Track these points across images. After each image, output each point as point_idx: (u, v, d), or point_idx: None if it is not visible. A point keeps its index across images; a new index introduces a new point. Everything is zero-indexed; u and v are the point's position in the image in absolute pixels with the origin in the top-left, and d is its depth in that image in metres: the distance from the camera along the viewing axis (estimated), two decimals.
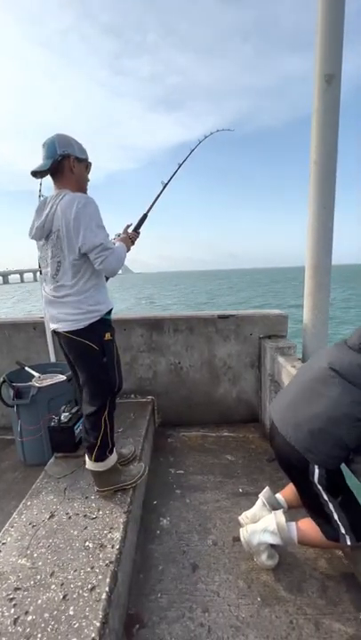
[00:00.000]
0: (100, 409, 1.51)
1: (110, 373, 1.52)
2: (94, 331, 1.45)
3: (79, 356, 1.49)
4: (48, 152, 1.39)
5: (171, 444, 2.53)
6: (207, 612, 1.31)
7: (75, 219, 1.33)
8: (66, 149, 1.40)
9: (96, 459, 1.55)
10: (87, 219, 1.35)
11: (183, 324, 2.71)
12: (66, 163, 1.41)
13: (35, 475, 1.88)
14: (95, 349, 1.45)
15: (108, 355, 1.49)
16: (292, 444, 1.29)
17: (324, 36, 2.07)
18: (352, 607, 1.32)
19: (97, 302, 1.46)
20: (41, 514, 1.53)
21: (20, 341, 2.76)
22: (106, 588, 1.16)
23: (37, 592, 1.16)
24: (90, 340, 1.44)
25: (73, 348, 1.49)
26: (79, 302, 1.42)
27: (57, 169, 1.41)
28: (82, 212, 1.34)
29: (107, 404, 1.53)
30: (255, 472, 2.18)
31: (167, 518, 1.81)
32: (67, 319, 1.43)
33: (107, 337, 1.48)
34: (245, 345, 2.72)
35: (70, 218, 1.34)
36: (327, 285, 2.37)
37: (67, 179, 1.43)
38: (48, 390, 2.19)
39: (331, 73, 2.09)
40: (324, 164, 2.19)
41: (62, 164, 1.40)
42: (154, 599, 1.38)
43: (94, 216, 1.37)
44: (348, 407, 1.22)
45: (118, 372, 1.57)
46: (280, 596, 1.37)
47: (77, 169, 1.45)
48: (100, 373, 1.49)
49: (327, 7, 2.03)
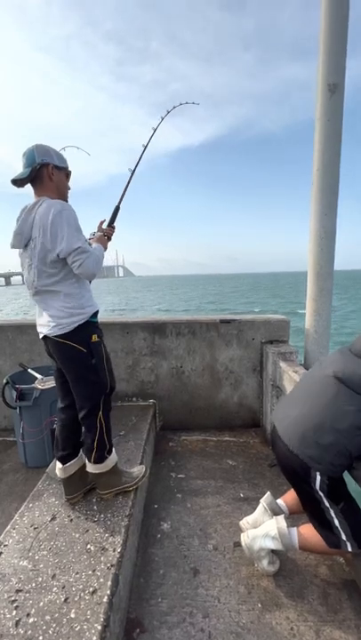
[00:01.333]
0: (93, 409, 1.52)
1: (100, 374, 1.52)
2: (81, 333, 1.45)
3: (68, 359, 1.48)
4: (27, 161, 1.42)
5: (172, 448, 2.54)
6: (208, 618, 1.31)
7: (51, 224, 1.35)
8: (44, 158, 1.42)
9: (95, 460, 1.56)
10: (64, 224, 1.36)
11: (185, 328, 2.72)
12: (45, 171, 1.43)
13: (36, 477, 1.89)
14: (83, 351, 1.46)
15: (96, 356, 1.49)
16: (294, 452, 1.29)
17: (327, 46, 2.10)
18: (353, 615, 1.32)
19: (81, 305, 1.47)
20: (43, 516, 1.54)
21: (24, 343, 2.78)
22: (107, 591, 1.17)
23: (39, 594, 1.17)
24: (77, 343, 1.45)
25: (61, 352, 1.48)
26: (63, 307, 1.43)
27: (36, 177, 1.43)
28: (58, 217, 1.36)
29: (100, 405, 1.53)
30: (256, 477, 2.18)
31: (168, 522, 1.81)
32: (52, 324, 1.44)
33: (94, 339, 1.49)
34: (247, 350, 2.73)
35: (47, 224, 1.35)
36: (329, 290, 2.39)
37: (46, 186, 1.46)
38: (51, 392, 2.19)
39: (334, 82, 2.12)
40: (327, 171, 2.21)
41: (41, 171, 1.43)
42: (154, 603, 1.38)
43: (71, 221, 1.38)
44: (353, 416, 1.23)
45: (109, 373, 1.57)
46: (281, 602, 1.37)
47: (56, 177, 1.47)
48: (90, 375, 1.49)
49: (331, 17, 2.06)
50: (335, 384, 1.32)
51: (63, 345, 1.45)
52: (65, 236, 1.35)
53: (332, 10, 2.06)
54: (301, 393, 1.44)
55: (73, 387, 1.54)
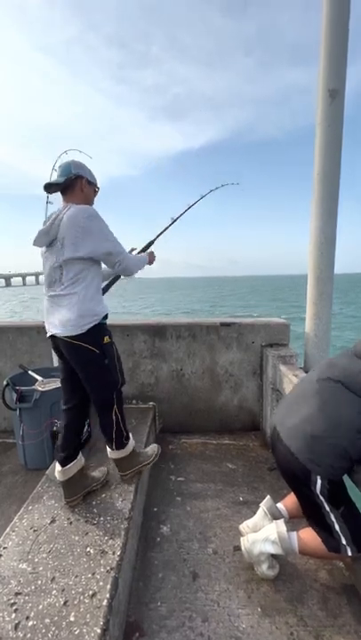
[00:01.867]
0: (109, 404, 1.62)
1: (113, 373, 1.58)
2: (94, 335, 1.50)
3: (81, 359, 1.52)
4: (63, 171, 1.54)
5: (172, 451, 2.53)
6: (207, 622, 1.31)
7: (83, 228, 1.42)
8: (79, 171, 1.55)
9: (117, 447, 1.69)
10: (97, 228, 1.46)
11: (186, 331, 2.73)
12: (78, 182, 1.55)
13: (36, 479, 1.88)
14: (96, 352, 1.51)
15: (108, 356, 1.54)
16: (295, 455, 1.30)
17: (328, 52, 2.12)
18: (353, 620, 1.32)
19: (95, 308, 1.52)
20: (42, 518, 1.54)
21: (24, 345, 2.78)
22: (107, 594, 1.17)
23: (38, 597, 1.16)
24: (91, 345, 1.49)
25: (74, 353, 1.51)
26: (79, 308, 1.47)
27: (69, 186, 1.54)
28: (90, 221, 1.44)
29: (114, 399, 1.62)
30: (256, 480, 2.18)
31: (167, 526, 1.80)
32: (66, 324, 1.47)
33: (105, 340, 1.54)
34: (247, 353, 2.74)
35: (78, 226, 1.42)
36: (329, 295, 2.39)
37: (76, 196, 1.56)
38: (51, 394, 2.20)
39: (335, 88, 2.14)
40: (328, 176, 2.23)
41: (75, 182, 1.54)
42: (154, 607, 1.38)
43: (103, 225, 1.49)
44: (353, 418, 1.23)
45: (120, 370, 1.63)
46: (280, 607, 1.37)
47: (87, 190, 1.59)
48: (104, 374, 1.56)
49: (331, 24, 2.09)
50: (336, 387, 1.32)
51: (77, 346, 1.48)
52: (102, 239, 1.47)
53: (332, 17, 2.08)
54: (302, 395, 1.44)
55: (86, 385, 1.59)
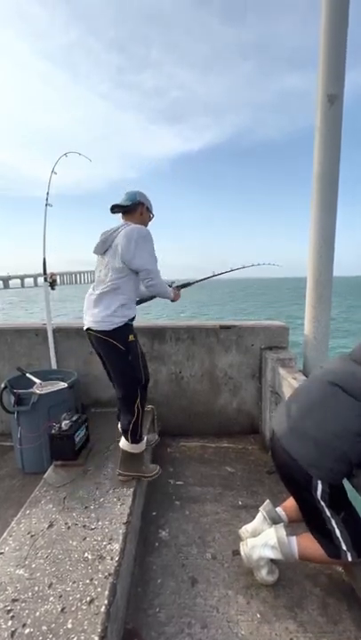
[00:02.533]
0: (132, 395, 1.77)
1: (136, 369, 1.76)
2: (120, 333, 1.69)
3: (109, 353, 1.75)
4: (130, 197, 1.82)
5: (170, 455, 2.52)
6: (206, 628, 1.29)
7: (135, 242, 1.65)
8: (142, 199, 1.84)
9: (132, 440, 1.80)
10: (145, 246, 1.69)
11: (185, 334, 2.72)
12: (139, 207, 1.84)
13: (33, 483, 1.87)
14: (121, 349, 1.70)
15: (132, 353, 1.73)
16: (295, 459, 1.29)
17: (327, 58, 2.14)
18: (353, 626, 1.30)
19: (126, 310, 1.72)
20: (40, 523, 1.52)
21: (22, 347, 2.77)
22: (105, 601, 1.15)
23: (35, 604, 1.15)
24: (116, 341, 1.69)
25: (103, 347, 1.74)
26: (113, 308, 1.69)
27: (132, 209, 1.82)
28: (142, 239, 1.68)
29: (138, 392, 1.77)
30: (255, 484, 2.16)
31: (166, 530, 1.79)
32: (99, 320, 1.69)
33: (130, 338, 1.73)
34: (246, 356, 2.73)
35: (131, 240, 1.65)
36: (328, 298, 2.40)
37: (135, 218, 1.83)
38: (49, 397, 2.19)
39: (333, 93, 2.15)
40: (327, 179, 2.24)
41: (137, 207, 1.83)
42: (152, 614, 1.36)
43: (151, 245, 1.72)
44: (353, 422, 1.23)
45: (144, 367, 1.82)
46: (280, 612, 1.35)
47: (145, 215, 1.88)
48: (127, 369, 1.74)
49: (330, 29, 2.10)
50: (335, 390, 1.32)
51: (104, 341, 1.70)
52: (146, 256, 1.68)
53: (331, 23, 2.10)
54: (301, 399, 1.44)
55: (113, 377, 1.82)
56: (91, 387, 2.77)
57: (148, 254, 1.69)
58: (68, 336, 2.74)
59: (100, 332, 1.68)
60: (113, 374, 1.80)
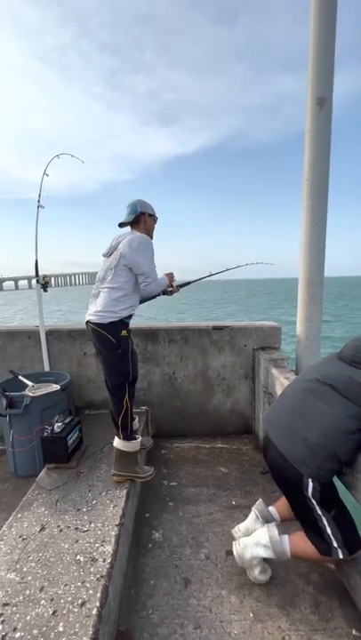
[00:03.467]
0: (120, 388, 1.84)
1: (124, 363, 1.83)
2: (113, 327, 1.80)
3: (101, 345, 1.84)
4: (131, 210, 1.95)
5: (164, 456, 2.52)
6: (199, 629, 1.30)
7: (136, 249, 1.80)
8: (142, 209, 1.95)
9: (125, 438, 1.85)
10: (144, 252, 1.83)
11: (178, 335, 2.73)
12: (142, 217, 1.97)
13: (26, 486, 1.85)
14: (112, 341, 1.80)
15: (122, 347, 1.82)
16: (286, 457, 1.30)
17: (316, 62, 2.17)
18: (344, 623, 1.32)
19: (123, 307, 1.82)
20: (32, 526, 1.51)
21: (15, 350, 2.75)
22: (97, 603, 1.15)
23: (26, 608, 1.14)
24: (109, 333, 1.80)
25: (97, 338, 1.84)
26: (111, 302, 1.81)
27: (135, 221, 1.97)
28: (142, 246, 1.82)
29: (126, 386, 1.85)
30: (249, 484, 2.17)
31: (160, 531, 1.79)
32: (97, 314, 1.81)
33: (123, 333, 1.82)
34: (240, 356, 2.75)
35: (133, 246, 1.81)
36: (320, 298, 2.42)
37: (140, 227, 1.98)
38: (41, 400, 2.17)
39: (322, 96, 2.18)
40: (317, 182, 2.26)
41: (139, 218, 1.97)
42: (145, 615, 1.36)
43: (150, 252, 1.86)
44: (342, 420, 1.24)
45: (133, 364, 1.87)
46: (272, 611, 1.36)
47: (148, 222, 2.00)
48: (116, 361, 1.82)
49: (319, 34, 2.13)
50: (324, 389, 1.34)
51: (98, 332, 1.81)
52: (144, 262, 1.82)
53: (320, 27, 2.13)
54: (291, 399, 1.45)
55: (104, 369, 1.89)
56: (84, 389, 2.76)
57: (146, 260, 1.84)
58: (60, 338, 2.73)
59: (96, 325, 1.80)
60: (103, 366, 1.88)
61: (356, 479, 1.26)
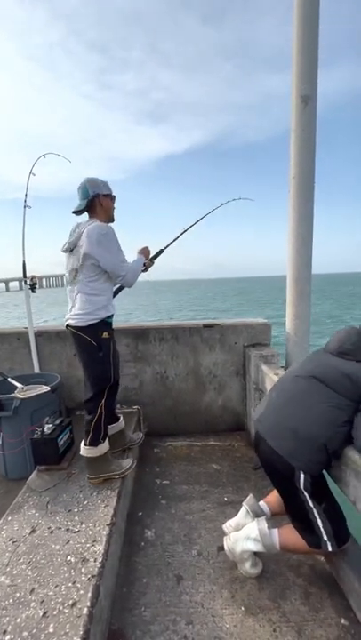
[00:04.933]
0: (97, 395, 1.75)
1: (106, 366, 1.75)
2: (94, 329, 1.72)
3: (80, 348, 1.75)
4: (83, 194, 1.75)
5: (157, 455, 2.52)
6: (191, 624, 1.31)
7: (97, 244, 1.64)
8: (95, 190, 1.74)
9: (90, 443, 1.76)
10: (107, 246, 1.68)
11: (169, 334, 2.73)
12: (96, 200, 1.76)
13: (17, 489, 1.84)
14: (93, 344, 1.71)
15: (103, 350, 1.74)
16: (277, 452, 1.32)
17: (299, 60, 2.18)
18: (334, 612, 1.34)
19: (100, 307, 1.73)
20: (22, 529, 1.50)
21: (4, 352, 2.72)
22: (87, 603, 1.15)
23: (16, 610, 1.13)
24: (89, 336, 1.71)
25: (77, 342, 1.76)
26: (86, 304, 1.71)
27: (90, 206, 1.78)
28: (103, 239, 1.66)
29: (104, 393, 1.76)
30: (241, 480, 2.19)
31: (152, 530, 1.79)
32: (75, 317, 1.72)
33: (104, 335, 1.74)
34: (230, 354, 2.76)
35: (92, 242, 1.64)
36: (308, 295, 2.44)
37: (97, 212, 1.79)
38: (31, 402, 2.15)
39: (307, 94, 2.20)
40: (303, 179, 2.28)
41: (94, 201, 1.76)
42: (137, 613, 1.36)
43: (113, 242, 1.71)
44: (330, 413, 1.26)
45: (114, 367, 1.79)
46: (263, 604, 1.38)
47: (105, 203, 1.80)
48: (97, 364, 1.74)
49: (302, 33, 2.15)
50: (311, 382, 1.36)
51: (78, 336, 1.73)
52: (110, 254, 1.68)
53: (303, 26, 2.14)
54: (280, 393, 1.47)
55: (84, 372, 1.80)
56: (75, 389, 2.74)
57: (111, 253, 1.69)
58: (50, 339, 2.71)
59: (75, 328, 1.73)
60: (83, 369, 1.79)
61: (343, 471, 1.28)
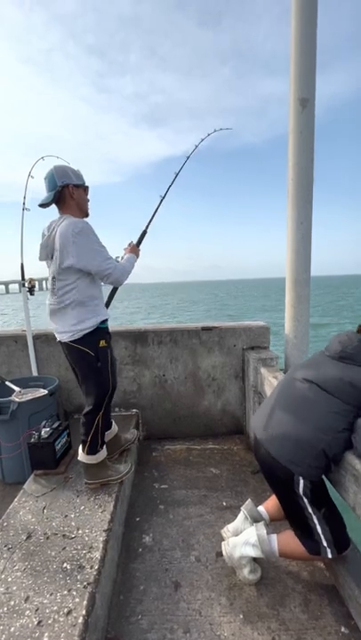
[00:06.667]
0: (96, 409, 1.68)
1: (104, 375, 1.67)
2: (90, 339, 1.60)
3: (77, 360, 1.66)
4: (50, 185, 1.57)
5: (155, 458, 2.50)
6: (188, 633, 1.28)
7: (73, 243, 1.48)
8: (64, 180, 1.56)
9: (88, 452, 1.72)
10: (85, 243, 1.51)
11: (167, 337, 2.71)
12: (66, 191, 1.58)
13: (13, 493, 1.82)
14: (91, 355, 1.61)
15: (102, 359, 1.64)
16: (275, 457, 1.30)
17: (298, 63, 2.19)
18: (333, 620, 1.32)
19: (91, 314, 1.61)
20: (17, 535, 1.48)
21: (1, 355, 2.70)
22: (83, 611, 1.13)
23: (10, 619, 1.11)
24: (86, 347, 1.61)
25: (72, 354, 1.66)
26: (76, 314, 1.58)
27: (59, 198, 1.59)
28: (79, 237, 1.49)
29: (102, 405, 1.69)
30: (239, 485, 2.17)
31: (150, 535, 1.77)
32: (66, 331, 1.60)
33: (101, 344, 1.63)
34: (229, 356, 2.75)
35: (68, 242, 1.48)
36: (307, 297, 2.43)
37: (68, 205, 1.60)
38: (29, 405, 2.14)
39: (305, 97, 2.20)
40: (302, 181, 2.28)
41: (63, 193, 1.57)
42: (134, 621, 1.34)
43: (92, 238, 1.54)
44: (329, 418, 1.25)
45: (112, 375, 1.71)
46: (262, 612, 1.36)
47: (77, 194, 1.61)
48: (96, 376, 1.65)
49: (300, 36, 2.15)
50: (310, 387, 1.34)
51: (73, 348, 1.62)
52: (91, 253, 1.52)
53: (301, 29, 2.15)
54: (279, 398, 1.45)
55: (81, 384, 1.71)
56: (73, 393, 2.73)
57: (92, 252, 1.52)
58: (48, 342, 2.70)
59: (70, 341, 1.60)
60: (81, 382, 1.70)
61: (343, 477, 1.26)
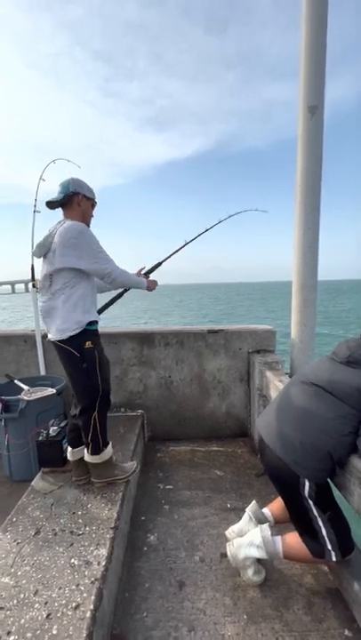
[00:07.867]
0: (88, 408, 1.68)
1: (92, 377, 1.65)
2: (76, 340, 1.61)
3: (64, 360, 1.67)
4: (63, 188, 1.67)
5: (160, 459, 2.53)
6: (193, 631, 1.30)
7: (73, 243, 1.54)
8: (77, 188, 1.67)
9: (92, 452, 1.73)
10: (86, 243, 1.57)
11: (174, 338, 2.74)
12: (75, 198, 1.68)
13: (21, 490, 1.85)
14: (76, 356, 1.62)
15: (87, 361, 1.63)
16: (281, 459, 1.32)
17: (307, 70, 2.22)
18: (337, 623, 1.33)
19: (80, 315, 1.62)
20: (26, 530, 1.51)
21: (10, 354, 2.75)
22: (90, 606, 1.15)
23: (20, 611, 1.14)
24: (71, 347, 1.62)
25: (60, 354, 1.67)
26: (66, 314, 1.60)
27: (67, 202, 1.68)
28: (80, 237, 1.55)
29: (95, 405, 1.68)
30: (244, 487, 2.18)
31: (155, 534, 1.79)
32: (55, 330, 1.62)
33: (87, 345, 1.63)
34: (235, 359, 2.77)
35: (68, 242, 1.53)
36: (313, 301, 2.45)
37: (74, 211, 1.69)
38: (37, 404, 2.18)
39: (314, 104, 2.23)
40: (309, 188, 2.30)
41: (72, 198, 1.67)
42: (139, 618, 1.36)
43: (92, 241, 1.60)
44: (334, 422, 1.26)
45: (102, 377, 1.68)
46: (266, 613, 1.37)
47: (84, 205, 1.71)
48: (82, 377, 1.65)
49: (310, 44, 2.18)
50: (317, 391, 1.36)
51: (60, 347, 1.64)
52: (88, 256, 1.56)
53: (311, 36, 2.18)
54: (285, 401, 1.47)
55: (72, 386, 1.72)
56: None
57: (92, 251, 1.57)
58: None
59: (57, 340, 1.63)
60: (71, 382, 1.70)
61: (348, 480, 1.27)
